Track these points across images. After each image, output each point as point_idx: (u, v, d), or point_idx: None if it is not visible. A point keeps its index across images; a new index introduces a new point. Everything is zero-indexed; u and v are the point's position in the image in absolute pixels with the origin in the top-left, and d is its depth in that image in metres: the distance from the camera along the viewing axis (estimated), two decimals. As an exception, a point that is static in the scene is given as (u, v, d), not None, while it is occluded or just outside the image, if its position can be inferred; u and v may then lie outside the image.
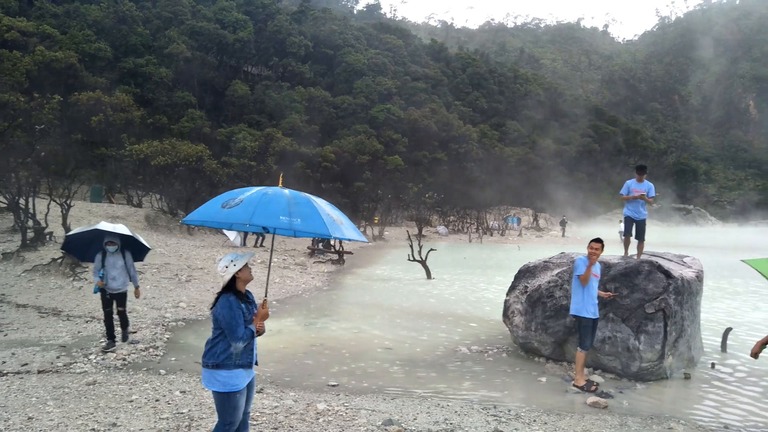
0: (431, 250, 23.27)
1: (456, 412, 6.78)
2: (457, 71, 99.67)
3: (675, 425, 6.60)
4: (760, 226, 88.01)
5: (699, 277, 9.64)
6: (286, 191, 4.67)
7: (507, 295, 10.55)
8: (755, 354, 5.72)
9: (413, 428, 6.12)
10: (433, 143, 70.79)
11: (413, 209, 56.07)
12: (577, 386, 7.86)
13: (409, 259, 22.31)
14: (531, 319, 9.61)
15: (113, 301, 9.26)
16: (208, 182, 32.86)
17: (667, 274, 8.65)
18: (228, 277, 4.43)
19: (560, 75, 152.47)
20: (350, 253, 27.63)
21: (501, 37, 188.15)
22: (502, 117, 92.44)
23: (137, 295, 9.60)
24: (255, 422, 6.11)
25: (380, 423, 6.20)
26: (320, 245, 26.74)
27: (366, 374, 8.57)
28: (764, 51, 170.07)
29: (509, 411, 6.89)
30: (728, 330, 10.84)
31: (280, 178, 5.38)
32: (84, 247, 9.41)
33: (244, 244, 26.86)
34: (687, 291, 8.90)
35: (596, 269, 8.06)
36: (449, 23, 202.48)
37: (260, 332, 4.54)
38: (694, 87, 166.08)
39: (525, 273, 10.63)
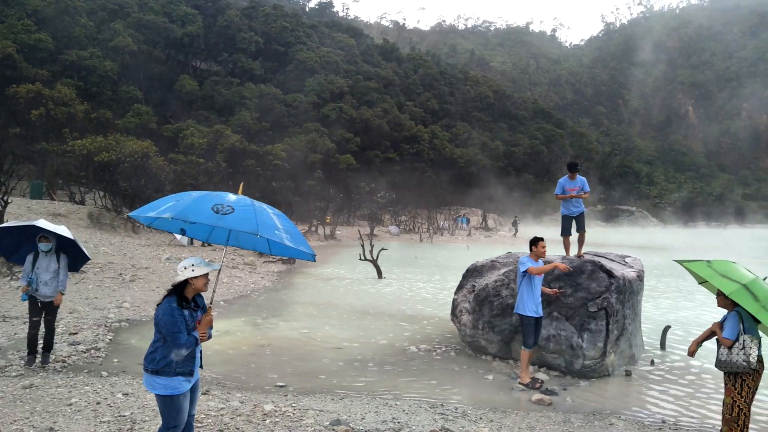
0: (382, 249, 23.34)
1: (404, 410, 6.81)
2: (409, 72, 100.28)
3: (616, 421, 6.80)
4: (698, 227, 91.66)
5: (640, 277, 9.97)
6: (234, 196, 4.57)
7: (455, 294, 10.67)
8: (692, 352, 5.95)
9: (361, 428, 6.12)
10: (385, 143, 71.12)
11: (365, 209, 56.13)
12: (522, 384, 8.01)
13: (360, 259, 22.31)
14: (478, 317, 9.75)
15: (43, 311, 8.12)
16: (154, 179, 32.07)
17: (610, 274, 8.92)
18: (180, 278, 4.30)
19: (509, 78, 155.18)
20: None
21: (452, 38, 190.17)
22: (452, 118, 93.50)
23: (58, 301, 8.17)
24: (200, 424, 6.00)
25: (328, 423, 6.18)
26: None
27: (315, 374, 8.53)
28: (702, 59, 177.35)
29: (456, 409, 6.97)
30: (667, 328, 11.24)
31: (241, 187, 5.26)
32: (14, 245, 8.22)
33: (191, 243, 26.34)
34: (628, 290, 9.19)
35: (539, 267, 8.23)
36: (401, 23, 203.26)
37: (203, 339, 4.41)
38: (637, 92, 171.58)
39: (473, 272, 10.78)
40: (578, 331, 8.55)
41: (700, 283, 5.74)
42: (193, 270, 4.29)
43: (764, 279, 5.56)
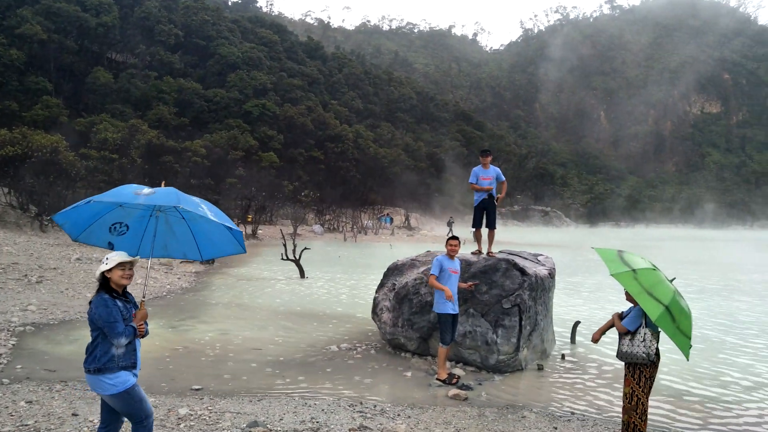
0: (305, 249, 23.19)
1: (323, 410, 6.82)
2: (334, 70, 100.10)
3: (528, 414, 7.07)
4: (608, 226, 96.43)
5: (551, 274, 10.39)
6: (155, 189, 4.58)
7: (376, 292, 10.77)
8: (595, 340, 6.28)
9: (279, 429, 6.08)
10: (309, 141, 70.61)
11: (288, 207, 55.56)
12: (439, 380, 8.18)
13: (282, 258, 22.08)
14: (398, 315, 9.88)
15: None
16: (65, 176, 30.46)
17: (523, 272, 9.25)
18: (97, 273, 4.31)
19: (432, 80, 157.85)
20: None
21: (376, 39, 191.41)
22: (377, 118, 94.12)
23: None
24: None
25: (245, 425, 6.10)
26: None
27: (232, 376, 8.38)
28: (613, 66, 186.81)
29: (375, 406, 7.05)
30: (577, 323, 11.78)
31: (162, 184, 5.17)
32: None
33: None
34: (540, 287, 9.57)
35: (456, 265, 8.43)
36: (326, 22, 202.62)
37: (141, 334, 4.38)
38: (553, 97, 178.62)
39: (393, 271, 10.90)
40: (493, 327, 8.83)
41: (612, 275, 5.89)
42: (106, 263, 4.28)
43: (672, 280, 5.89)
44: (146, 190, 4.43)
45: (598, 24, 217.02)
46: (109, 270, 4.29)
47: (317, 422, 6.30)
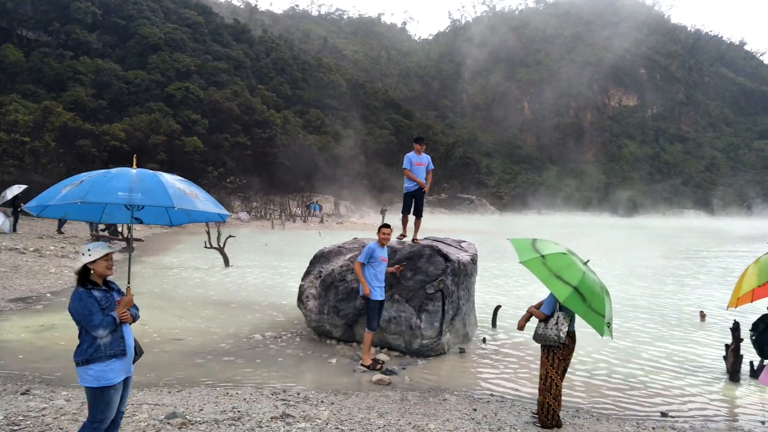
0: (230, 236, 22.71)
1: (245, 399, 6.72)
2: (261, 55, 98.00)
3: (449, 396, 7.22)
4: (530, 215, 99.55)
5: (474, 260, 10.61)
6: (134, 170, 4.54)
7: (302, 280, 10.69)
8: (521, 327, 6.49)
9: (199, 419, 5.94)
10: (235, 126, 68.94)
11: (213, 194, 54.18)
12: (364, 365, 8.24)
13: (205, 247, 21.54)
14: (324, 302, 9.86)
15: None
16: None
17: (446, 258, 9.41)
18: (78, 265, 4.26)
19: (362, 67, 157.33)
20: (140, 240, 25.96)
21: (305, 24, 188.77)
22: (305, 105, 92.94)
23: None
24: (16, 427, 5.50)
25: (163, 417, 5.93)
26: (105, 231, 24.74)
27: (151, 368, 8.12)
28: (537, 59, 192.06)
29: (298, 394, 7.01)
30: (498, 307, 12.12)
31: (134, 159, 5.07)
32: None
33: (13, 230, 23.89)
34: (463, 273, 9.76)
35: (385, 253, 8.52)
36: (253, 5, 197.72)
37: (124, 321, 4.34)
38: (479, 87, 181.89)
39: (320, 258, 10.86)
40: (417, 313, 8.95)
41: (521, 262, 6.07)
42: (89, 254, 4.26)
43: (586, 262, 6.14)
44: (134, 179, 4.36)
45: (523, 16, 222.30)
46: (93, 261, 4.26)
47: (238, 411, 6.21)
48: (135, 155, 5.73)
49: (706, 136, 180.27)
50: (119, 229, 24.62)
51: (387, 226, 8.59)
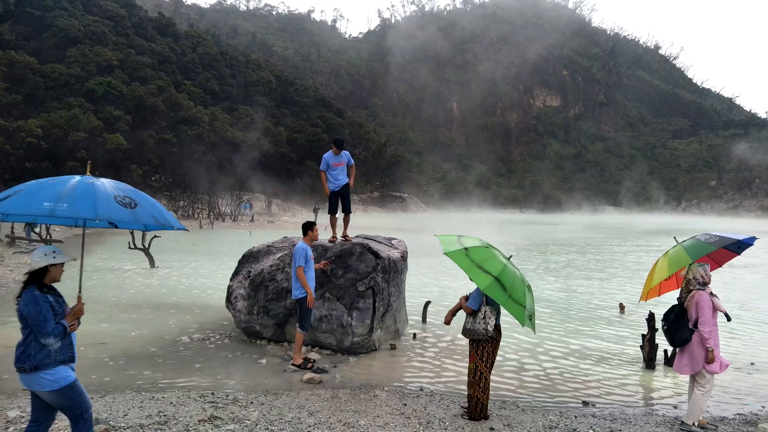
0: (155, 236, 22.00)
1: (171, 403, 6.55)
2: (187, 50, 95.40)
3: (380, 392, 7.28)
4: (459, 212, 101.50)
5: (404, 257, 10.73)
6: (75, 179, 4.35)
7: (230, 280, 10.52)
8: (447, 322, 6.62)
9: (123, 425, 5.76)
10: (160, 123, 66.83)
11: (137, 193, 52.26)
12: (294, 365, 8.19)
13: (129, 247, 20.83)
14: (254, 303, 9.73)
15: None
16: None
17: (376, 255, 9.48)
18: (41, 264, 4.18)
19: (291, 64, 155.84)
20: (59, 241, 24.81)
21: (233, 19, 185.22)
22: (234, 101, 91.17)
23: None
24: None
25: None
26: (23, 232, 23.52)
27: (78, 372, 7.77)
28: (465, 59, 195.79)
29: (227, 396, 6.90)
30: (427, 303, 12.31)
31: (88, 165, 4.89)
32: None
33: None
34: (393, 270, 9.85)
35: (311, 251, 8.48)
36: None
37: (73, 328, 4.32)
38: (410, 86, 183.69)
39: (249, 258, 10.71)
40: (348, 310, 8.97)
41: (445, 254, 6.21)
42: (54, 257, 4.23)
43: (509, 258, 6.35)
44: (69, 189, 4.20)
45: (451, 16, 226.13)
46: (54, 265, 4.23)
47: (164, 416, 6.05)
48: (89, 162, 5.46)
49: (625, 135, 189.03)
50: (37, 230, 23.46)
51: (314, 223, 8.58)
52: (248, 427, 5.77)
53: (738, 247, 6.76)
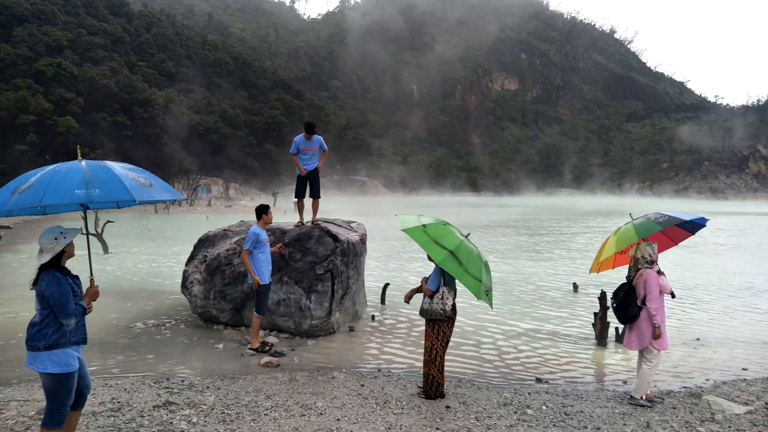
0: (108, 222, 21.52)
1: (125, 389, 6.46)
2: (141, 30, 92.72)
3: (338, 374, 7.32)
4: (420, 195, 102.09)
5: (363, 240, 10.76)
6: (83, 163, 4.41)
7: (186, 265, 10.37)
8: (407, 299, 6.68)
9: (74, 413, 5.64)
10: (114, 105, 65.05)
11: (90, 178, 50.89)
12: (252, 349, 8.15)
13: (82, 233, 20.21)
14: (210, 287, 9.62)
15: None
16: None
17: (335, 238, 9.47)
18: (58, 249, 4.25)
19: (249, 46, 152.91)
20: (8, 227, 24.03)
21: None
22: (190, 83, 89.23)
23: None
24: None
25: (34, 413, 5.59)
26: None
27: (21, 362, 7.54)
28: (425, 42, 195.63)
29: (183, 381, 6.83)
30: (386, 285, 12.39)
31: (78, 150, 4.85)
32: None
33: None
34: (352, 253, 9.87)
35: (266, 235, 8.39)
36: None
37: (89, 311, 4.41)
38: (370, 69, 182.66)
39: (205, 242, 10.57)
40: (306, 294, 8.95)
41: (402, 230, 6.29)
42: (65, 237, 4.29)
43: (467, 235, 6.43)
44: (86, 173, 4.24)
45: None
46: (69, 244, 4.29)
47: (118, 402, 5.96)
48: (78, 146, 5.33)
49: (581, 118, 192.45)
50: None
51: (269, 206, 8.50)
52: (204, 412, 5.73)
53: (692, 227, 6.98)
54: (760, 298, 13.88)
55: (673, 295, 6.63)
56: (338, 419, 5.63)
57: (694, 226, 6.92)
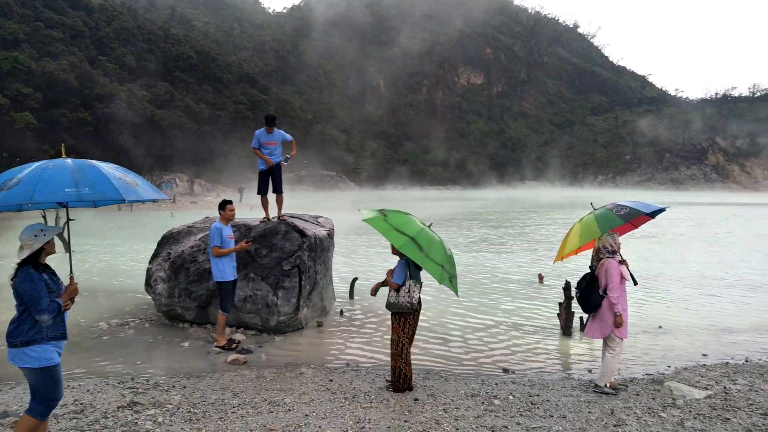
0: (70, 219, 20.96)
1: (88, 390, 6.33)
2: (101, 23, 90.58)
3: (306, 370, 7.29)
4: (387, 189, 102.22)
5: (330, 235, 10.71)
6: (69, 161, 4.45)
7: (150, 263, 10.19)
8: (374, 291, 6.69)
9: (35, 416, 5.50)
10: (74, 101, 63.51)
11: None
12: (218, 347, 8.06)
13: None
14: (174, 285, 9.48)
15: None
16: None
17: (302, 234, 9.41)
18: (37, 246, 4.26)
19: (213, 39, 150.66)
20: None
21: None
22: (153, 77, 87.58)
23: None
24: None
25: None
26: None
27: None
28: (391, 36, 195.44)
29: (148, 381, 6.73)
30: (355, 279, 12.38)
31: (63, 148, 4.96)
32: None
33: None
34: (320, 248, 9.82)
35: (230, 231, 8.30)
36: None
37: (66, 309, 4.41)
38: (336, 64, 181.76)
39: (169, 239, 10.41)
40: (273, 290, 8.89)
41: (364, 220, 6.33)
42: (45, 235, 4.29)
43: (429, 226, 6.47)
44: (75, 172, 4.28)
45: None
46: (48, 241, 4.30)
47: (81, 404, 5.84)
48: (63, 144, 5.46)
49: (546, 112, 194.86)
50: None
51: (230, 202, 8.38)
52: (170, 411, 5.65)
53: (652, 212, 7.14)
54: (718, 286, 14.27)
55: (635, 282, 6.77)
56: (306, 415, 5.61)
57: (654, 213, 7.08)
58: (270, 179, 9.83)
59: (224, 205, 8.27)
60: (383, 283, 6.68)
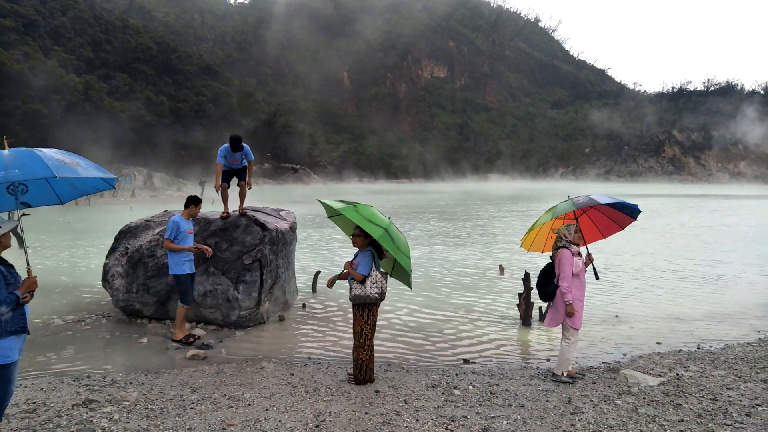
0: (24, 214, 20.39)
1: (42, 389, 6.18)
2: (56, 13, 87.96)
3: (267, 364, 7.24)
4: (352, 182, 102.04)
5: (293, 228, 10.64)
6: (6, 151, 4.51)
7: (107, 258, 9.97)
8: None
9: (-16, 416, 5.36)
10: (27, 93, 61.57)
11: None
12: (175, 341, 7.96)
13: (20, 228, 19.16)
14: (132, 280, 9.30)
15: None
16: None
17: (263, 227, 9.33)
18: None
19: (173, 30, 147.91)
20: None
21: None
22: (111, 69, 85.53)
23: None
24: None
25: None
26: None
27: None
28: (355, 29, 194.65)
29: (104, 378, 6.60)
30: (317, 273, 12.34)
31: (4, 140, 4.94)
32: None
33: None
34: (281, 241, 9.74)
35: (189, 225, 8.19)
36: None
37: (25, 302, 4.33)
38: (300, 56, 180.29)
39: (126, 234, 10.21)
40: (234, 284, 8.80)
41: (329, 217, 6.36)
42: (1, 229, 4.25)
43: (389, 218, 6.51)
44: (8, 158, 4.32)
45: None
46: (3, 234, 4.26)
47: (33, 403, 5.70)
48: (4, 136, 5.50)
49: (508, 106, 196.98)
50: None
51: (200, 201, 8.26)
52: (126, 408, 5.56)
53: (631, 212, 7.40)
54: (670, 277, 14.68)
55: (596, 276, 6.97)
56: (267, 409, 5.58)
57: (633, 211, 7.35)
58: (233, 174, 9.77)
59: (197, 202, 8.17)
60: (341, 276, 6.68)
